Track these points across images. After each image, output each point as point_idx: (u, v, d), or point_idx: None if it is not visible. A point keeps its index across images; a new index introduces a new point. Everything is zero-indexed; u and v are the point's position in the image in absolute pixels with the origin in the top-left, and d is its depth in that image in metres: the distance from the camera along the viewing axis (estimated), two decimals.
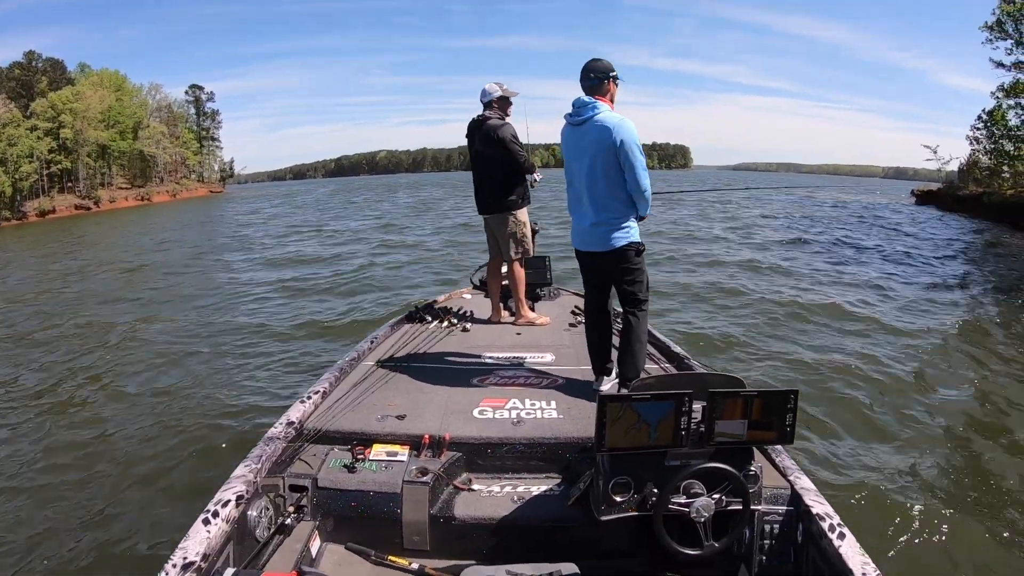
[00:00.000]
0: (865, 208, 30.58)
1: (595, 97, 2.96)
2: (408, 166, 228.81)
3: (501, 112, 4.18)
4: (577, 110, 2.98)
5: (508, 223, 4.27)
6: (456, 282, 9.05)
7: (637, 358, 3.02)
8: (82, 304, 10.17)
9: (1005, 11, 25.41)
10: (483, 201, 4.33)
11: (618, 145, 2.86)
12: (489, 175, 4.22)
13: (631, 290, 3.04)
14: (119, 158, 55.99)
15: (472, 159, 4.30)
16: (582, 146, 2.97)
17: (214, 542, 1.89)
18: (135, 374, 6.19)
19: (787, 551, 2.16)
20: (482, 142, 4.14)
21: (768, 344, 6.52)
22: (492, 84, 4.19)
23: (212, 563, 1.86)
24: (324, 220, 26.08)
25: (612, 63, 3.03)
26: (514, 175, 4.22)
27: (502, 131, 4.07)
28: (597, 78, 2.98)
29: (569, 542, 2.25)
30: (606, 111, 2.92)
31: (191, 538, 1.86)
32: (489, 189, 4.25)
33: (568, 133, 3.07)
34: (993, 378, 5.65)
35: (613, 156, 2.88)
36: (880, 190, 56.00)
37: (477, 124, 4.20)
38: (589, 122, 2.93)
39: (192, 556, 1.79)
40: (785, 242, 15.79)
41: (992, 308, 8.69)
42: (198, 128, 72.52)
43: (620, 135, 2.85)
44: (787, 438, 2.03)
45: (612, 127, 2.86)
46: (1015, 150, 26.58)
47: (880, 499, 3.51)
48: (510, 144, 4.07)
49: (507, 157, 4.11)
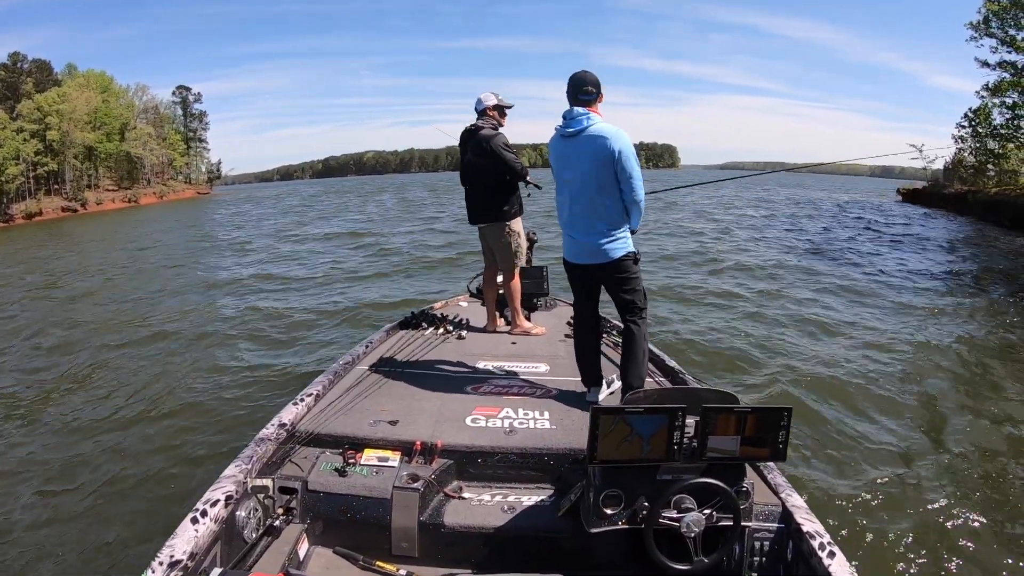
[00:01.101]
0: (850, 206, 30.89)
1: (588, 108, 2.93)
2: (395, 167, 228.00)
3: (495, 121, 4.13)
4: (569, 121, 2.93)
5: (502, 233, 4.21)
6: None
7: (641, 367, 3.01)
8: (73, 303, 10.21)
9: (990, 9, 25.91)
10: (475, 211, 4.28)
11: (616, 156, 2.84)
12: (482, 184, 4.16)
13: (630, 299, 3.01)
14: (106, 160, 55.42)
15: (464, 169, 4.25)
16: (577, 157, 2.92)
17: (202, 541, 1.89)
18: (121, 375, 6.20)
19: (777, 568, 2.16)
20: (474, 152, 4.09)
21: (759, 353, 6.48)
22: (487, 93, 4.16)
23: (199, 562, 1.87)
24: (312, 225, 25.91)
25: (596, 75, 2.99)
26: (507, 184, 4.17)
27: (494, 141, 4.02)
28: (592, 92, 2.93)
29: (559, 553, 2.25)
30: (600, 122, 2.90)
31: (178, 537, 1.86)
32: (482, 199, 4.19)
33: (560, 145, 3.01)
34: (987, 389, 5.61)
35: (610, 167, 2.86)
36: (867, 188, 56.58)
37: (470, 133, 4.14)
38: (584, 133, 2.89)
39: (179, 555, 1.79)
40: (768, 242, 15.98)
41: (981, 313, 8.56)
42: (185, 129, 71.75)
43: (618, 145, 2.83)
44: (780, 455, 2.02)
45: (610, 137, 2.84)
46: (1000, 148, 27.15)
47: (871, 518, 3.50)
48: (503, 152, 4.02)
49: (501, 166, 4.05)
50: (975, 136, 28.75)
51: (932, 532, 3.36)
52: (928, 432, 4.63)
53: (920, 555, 3.17)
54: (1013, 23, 25.63)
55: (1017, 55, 25.93)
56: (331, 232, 20.64)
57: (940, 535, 3.33)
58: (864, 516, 3.50)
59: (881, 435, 4.53)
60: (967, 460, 4.18)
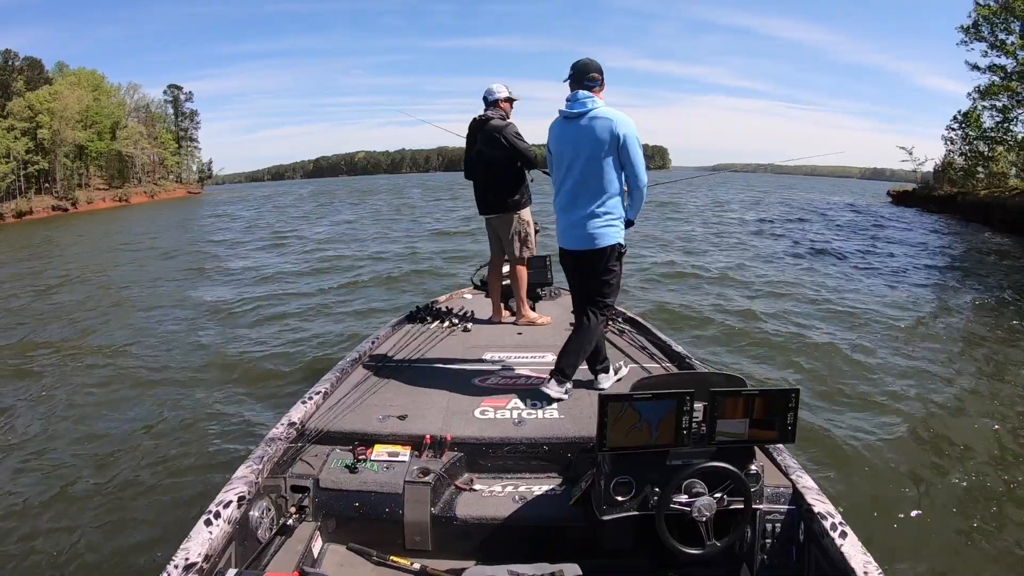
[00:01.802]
0: (842, 208, 31.16)
1: (592, 93, 2.91)
2: (386, 167, 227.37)
3: (503, 112, 4.16)
4: (573, 103, 2.90)
5: (512, 223, 4.25)
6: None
7: (579, 357, 3.00)
8: (66, 308, 10.11)
9: (980, 14, 26.23)
10: (485, 201, 4.29)
11: (620, 140, 2.81)
12: (494, 175, 4.18)
13: (601, 290, 3.00)
14: (97, 159, 54.96)
15: (472, 159, 4.26)
16: (579, 140, 2.88)
17: (216, 543, 1.90)
18: (133, 377, 6.18)
19: (789, 550, 2.16)
20: (485, 142, 4.10)
21: (768, 340, 6.67)
22: (499, 85, 4.18)
23: (214, 564, 1.87)
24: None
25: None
26: (518, 174, 4.19)
27: (506, 130, 4.06)
28: (597, 79, 2.92)
29: (571, 542, 2.26)
30: (604, 106, 2.88)
31: (193, 539, 1.87)
32: (493, 189, 4.21)
33: (562, 127, 2.98)
34: (995, 374, 5.79)
35: (613, 151, 2.84)
36: (857, 190, 57.06)
37: (479, 124, 4.16)
38: (587, 115, 2.86)
39: (194, 557, 1.80)
40: (767, 241, 16.24)
41: (983, 307, 8.91)
42: (176, 128, 71.37)
43: (623, 129, 2.81)
44: (789, 437, 2.03)
45: (615, 121, 2.81)
46: (989, 151, 27.47)
47: (882, 498, 3.51)
48: (515, 141, 4.06)
49: (514, 155, 4.09)
50: (965, 139, 29.00)
51: (943, 511, 3.39)
52: (940, 416, 4.72)
53: (933, 534, 3.21)
54: (1003, 27, 25.95)
55: (1007, 59, 26.28)
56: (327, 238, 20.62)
57: (951, 516, 3.36)
58: (875, 497, 3.52)
59: (893, 420, 4.62)
60: (981, 444, 4.21)
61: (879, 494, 3.57)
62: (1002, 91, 26.70)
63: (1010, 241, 17.04)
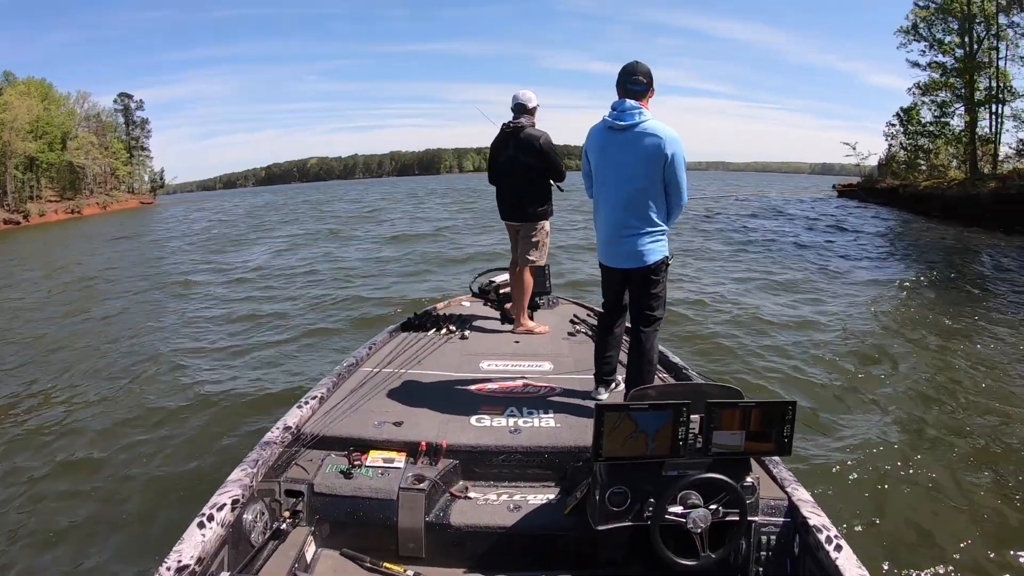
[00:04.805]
0: (788, 202, 31.74)
1: (638, 102, 2.81)
2: (340, 173, 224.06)
3: (533, 120, 4.19)
4: (620, 113, 2.80)
5: (535, 231, 4.26)
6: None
7: (646, 378, 2.93)
8: (56, 314, 10.06)
9: (919, 15, 27.89)
10: (512, 208, 4.29)
11: (669, 159, 2.75)
12: (527, 182, 4.18)
13: (650, 303, 2.94)
14: (47, 170, 52.97)
15: (501, 165, 4.25)
16: (624, 153, 2.81)
17: (209, 546, 1.89)
18: (127, 378, 6.19)
19: (784, 563, 2.15)
20: (519, 149, 4.11)
21: (754, 350, 6.49)
22: (529, 92, 4.18)
23: (207, 567, 1.87)
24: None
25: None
26: (547, 184, 4.23)
27: (544, 140, 4.09)
28: (644, 83, 2.83)
29: (565, 551, 2.25)
30: (653, 119, 2.78)
31: (185, 541, 1.86)
32: (521, 197, 4.21)
33: (606, 138, 2.87)
34: (980, 367, 5.82)
35: (659, 169, 2.77)
36: (805, 185, 58.12)
37: (513, 131, 4.15)
38: (636, 128, 2.77)
39: (187, 560, 1.80)
40: (715, 239, 16.52)
41: (948, 299, 9.03)
42: (127, 137, 69.16)
43: (671, 149, 2.75)
44: (785, 449, 2.03)
45: (665, 139, 2.74)
46: (930, 143, 29.07)
47: (878, 511, 3.47)
48: (551, 153, 4.11)
49: (545, 164, 4.14)
50: (906, 133, 30.49)
51: (939, 526, 3.35)
52: (934, 424, 4.65)
53: (928, 547, 3.18)
54: (942, 27, 27.57)
55: (945, 57, 27.94)
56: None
57: (948, 530, 3.32)
58: (870, 510, 3.50)
59: (889, 431, 4.53)
60: (977, 454, 4.17)
61: (877, 507, 3.56)
62: (942, 87, 28.31)
63: (952, 229, 18.13)
